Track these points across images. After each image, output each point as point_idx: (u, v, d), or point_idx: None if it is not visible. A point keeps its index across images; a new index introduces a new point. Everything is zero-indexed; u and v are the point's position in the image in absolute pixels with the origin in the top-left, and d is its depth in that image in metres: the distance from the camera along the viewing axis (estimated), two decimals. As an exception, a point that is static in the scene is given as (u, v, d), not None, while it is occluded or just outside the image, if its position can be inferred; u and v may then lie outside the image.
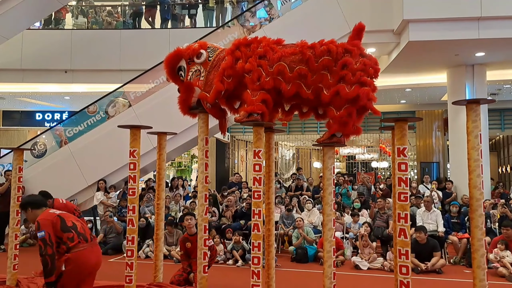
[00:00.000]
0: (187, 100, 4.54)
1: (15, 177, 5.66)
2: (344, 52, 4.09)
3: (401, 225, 3.94)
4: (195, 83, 4.47)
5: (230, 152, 17.45)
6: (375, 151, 19.42)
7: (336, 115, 4.07)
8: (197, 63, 4.49)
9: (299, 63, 4.12)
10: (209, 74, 4.41)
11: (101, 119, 10.33)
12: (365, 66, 4.04)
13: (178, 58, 4.59)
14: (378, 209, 8.56)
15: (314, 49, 4.12)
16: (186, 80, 4.53)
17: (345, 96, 3.96)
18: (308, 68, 4.09)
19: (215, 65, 4.42)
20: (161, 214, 5.50)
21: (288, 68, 4.12)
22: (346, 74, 3.99)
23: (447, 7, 8.67)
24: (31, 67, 12.54)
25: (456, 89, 10.80)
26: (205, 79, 4.42)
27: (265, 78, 4.17)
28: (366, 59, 4.10)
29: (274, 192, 5.05)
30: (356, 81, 3.97)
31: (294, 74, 4.10)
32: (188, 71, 4.53)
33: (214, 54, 4.49)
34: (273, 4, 10.53)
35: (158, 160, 5.56)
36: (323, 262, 4.23)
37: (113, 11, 13.38)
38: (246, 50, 4.31)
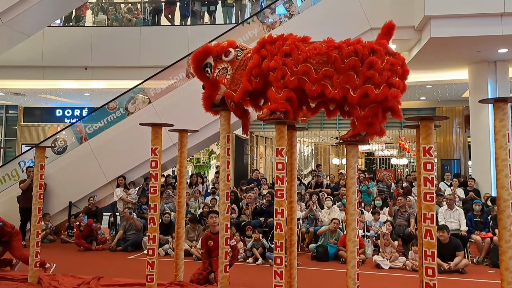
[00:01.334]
0: (211, 96, 4.53)
1: (37, 174, 5.71)
2: (370, 52, 4.03)
3: (427, 226, 3.87)
4: (221, 80, 4.45)
5: (249, 149, 17.43)
6: (394, 148, 19.19)
7: (361, 115, 4.02)
8: (224, 61, 4.48)
9: (325, 64, 4.08)
10: (236, 72, 4.40)
11: (121, 115, 10.40)
12: (392, 66, 3.98)
13: (206, 54, 4.58)
14: (399, 207, 8.45)
15: (341, 49, 4.08)
16: (212, 77, 4.51)
17: (374, 98, 3.92)
18: (334, 69, 4.06)
19: (242, 64, 4.40)
20: (182, 212, 5.51)
21: (313, 69, 4.09)
22: (373, 75, 3.93)
23: (470, 3, 8.52)
24: (51, 64, 12.70)
25: (478, 86, 10.61)
26: (231, 78, 4.40)
27: (290, 77, 4.14)
28: (392, 58, 4.04)
29: (296, 190, 5.01)
30: (384, 82, 3.91)
31: (319, 76, 4.07)
32: (215, 68, 4.51)
33: (242, 53, 4.48)
34: (292, 1, 10.46)
35: (179, 157, 5.57)
36: (347, 263, 4.19)
37: (133, 8, 13.45)
38: (272, 48, 4.28)
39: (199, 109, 9.30)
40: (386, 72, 3.93)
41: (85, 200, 10.02)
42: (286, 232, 4.53)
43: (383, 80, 3.92)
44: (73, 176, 10.04)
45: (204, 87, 4.61)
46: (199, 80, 4.81)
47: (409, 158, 18.54)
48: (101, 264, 7.60)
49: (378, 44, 4.11)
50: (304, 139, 18.66)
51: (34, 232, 5.60)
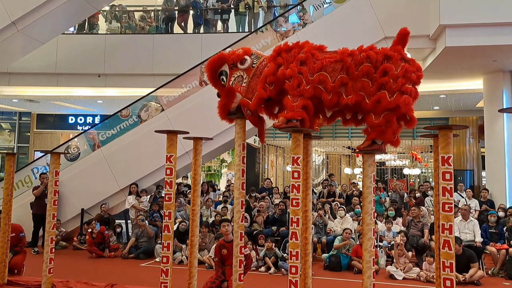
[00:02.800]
0: (227, 105, 4.49)
1: (52, 181, 5.73)
2: (384, 58, 4.00)
3: (445, 237, 3.81)
4: (237, 88, 4.42)
5: (261, 157, 17.41)
6: (406, 158, 19.04)
7: (375, 122, 3.97)
8: (240, 69, 4.43)
9: (340, 71, 4.05)
10: (252, 80, 4.37)
11: (133, 123, 10.46)
12: (406, 72, 3.92)
13: (221, 62, 4.54)
14: (413, 218, 8.35)
15: (354, 56, 4.04)
16: (228, 85, 4.47)
17: (387, 105, 3.87)
18: (349, 76, 4.02)
19: (257, 72, 4.37)
20: (196, 220, 5.48)
21: (329, 77, 4.05)
22: (387, 81, 3.89)
23: (486, 12, 8.45)
24: (65, 71, 12.84)
25: (493, 95, 10.50)
26: (247, 86, 4.37)
27: (305, 86, 4.10)
28: (407, 65, 3.98)
29: (311, 199, 4.97)
30: (398, 89, 3.87)
31: (336, 84, 4.03)
32: (231, 76, 4.48)
33: (258, 61, 4.44)
34: (306, 10, 10.48)
35: (194, 165, 5.55)
36: (363, 273, 4.13)
37: (146, 16, 13.57)
38: (288, 56, 4.25)
39: (212, 117, 9.33)
40: (400, 79, 3.87)
41: (97, 207, 10.06)
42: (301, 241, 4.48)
43: (397, 87, 3.86)
44: (85, 183, 10.09)
45: (220, 95, 4.59)
46: (214, 88, 4.80)
47: (421, 167, 18.36)
48: (113, 272, 7.60)
49: (392, 50, 4.07)
50: (315, 148, 18.60)
51: (48, 238, 5.60)
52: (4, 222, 6.22)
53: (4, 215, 6.24)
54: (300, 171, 4.28)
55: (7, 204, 6.28)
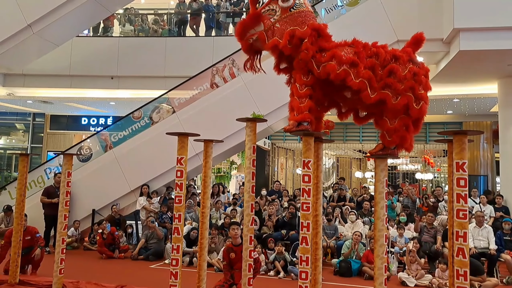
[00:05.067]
0: (247, 26, 4.29)
1: (64, 182, 5.76)
2: (392, 58, 3.94)
3: (460, 244, 3.73)
4: (264, 19, 4.25)
5: (270, 160, 17.36)
6: (418, 162, 18.83)
7: (391, 127, 3.91)
8: (279, 4, 4.23)
9: (352, 54, 3.98)
10: (280, 21, 4.19)
11: (145, 124, 10.52)
12: (415, 75, 3.84)
13: None
14: (426, 224, 8.24)
15: (365, 48, 4.02)
16: (259, 11, 4.30)
17: (391, 106, 3.81)
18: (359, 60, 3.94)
19: (290, 19, 4.17)
20: (206, 222, 5.46)
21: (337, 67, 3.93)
22: (392, 82, 3.82)
23: (500, 16, 8.34)
24: (79, 73, 12.96)
25: (508, 100, 10.35)
26: (273, 24, 4.21)
27: (317, 69, 4.00)
28: (416, 67, 3.90)
29: (321, 203, 4.92)
30: (406, 91, 3.80)
31: (348, 58, 3.93)
32: (267, 5, 4.31)
33: (298, 8, 4.22)
34: (318, 13, 10.42)
35: (204, 167, 5.54)
36: (374, 280, 4.07)
37: (159, 19, 13.66)
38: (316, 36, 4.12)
39: (222, 119, 9.39)
40: (408, 81, 3.80)
41: (108, 208, 10.11)
42: (311, 246, 4.43)
43: (405, 90, 3.80)
44: (97, 184, 10.15)
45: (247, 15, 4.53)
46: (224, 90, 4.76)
47: (433, 172, 18.14)
48: (123, 273, 7.62)
49: (402, 51, 4.01)
50: (326, 152, 18.50)
51: (59, 239, 5.62)
52: (17, 222, 6.28)
53: (17, 215, 6.30)
54: (311, 175, 4.24)
55: (20, 204, 6.34)
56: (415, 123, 3.99)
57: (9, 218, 9.59)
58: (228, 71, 10.34)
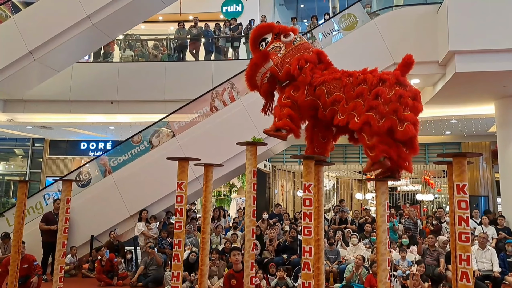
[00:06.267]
0: (258, 65, 4.56)
1: (63, 208, 5.70)
2: (379, 81, 3.98)
3: (463, 268, 3.68)
4: (272, 56, 4.53)
5: (271, 182, 17.30)
6: (418, 183, 18.79)
7: (369, 144, 3.91)
8: (282, 41, 4.58)
9: (339, 90, 4.11)
10: (287, 54, 4.47)
11: (145, 149, 10.50)
12: (401, 98, 3.84)
13: (268, 29, 4.70)
14: (428, 246, 8.16)
15: (352, 77, 4.11)
16: (265, 50, 4.60)
17: (376, 129, 3.83)
18: (344, 95, 4.06)
19: (295, 50, 4.49)
20: (206, 248, 5.40)
21: (326, 93, 4.14)
22: (378, 104, 3.86)
23: (495, 38, 8.47)
24: (79, 98, 13.01)
25: (505, 120, 10.42)
26: (281, 58, 4.48)
27: (305, 97, 4.25)
28: (401, 90, 3.90)
29: (323, 227, 4.88)
30: (390, 114, 3.81)
31: (329, 100, 4.11)
32: (271, 44, 4.63)
33: (299, 41, 4.59)
34: (315, 37, 10.59)
35: (204, 192, 5.51)
36: (378, 305, 4.00)
37: (159, 44, 13.83)
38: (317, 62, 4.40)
39: (222, 142, 9.40)
40: (393, 104, 3.82)
41: (107, 234, 10.00)
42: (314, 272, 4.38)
43: (389, 112, 3.81)
44: (95, 210, 10.07)
45: (254, 57, 4.68)
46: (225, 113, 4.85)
47: (434, 193, 18.07)
48: (121, 300, 7.49)
49: (389, 74, 4.05)
50: (326, 173, 18.47)
51: (57, 267, 5.54)
52: (14, 250, 6.18)
53: (15, 243, 6.22)
54: (312, 198, 4.22)
55: (18, 232, 6.26)
56: (408, 144, 3.97)
57: (6, 246, 9.46)
58: (227, 94, 10.42)
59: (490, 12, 8.54)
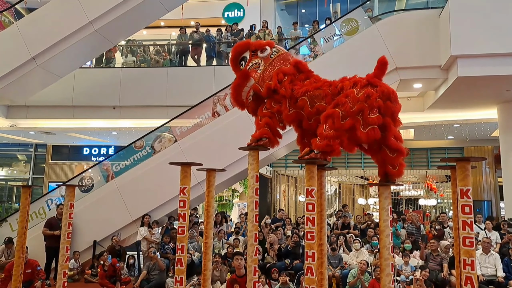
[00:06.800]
0: (240, 85, 4.56)
1: (66, 213, 5.70)
2: (353, 85, 3.97)
3: (467, 273, 3.66)
4: (252, 73, 4.52)
5: (272, 187, 17.29)
6: (420, 188, 18.74)
7: (324, 133, 3.91)
8: (259, 57, 4.57)
9: (321, 99, 4.11)
10: (266, 70, 4.48)
11: (147, 154, 10.51)
12: (368, 98, 3.78)
13: (245, 48, 4.66)
14: (431, 251, 8.12)
15: (332, 86, 4.10)
16: (244, 69, 4.59)
17: (339, 126, 3.84)
18: (327, 105, 4.04)
19: (273, 63, 4.49)
20: (209, 253, 5.39)
21: (309, 104, 4.13)
22: (345, 102, 3.85)
23: (497, 43, 8.48)
24: (81, 104, 13.08)
25: (508, 125, 10.41)
26: (261, 74, 4.48)
27: (288, 111, 4.25)
28: (370, 90, 3.82)
29: (326, 232, 4.87)
30: (355, 114, 3.79)
31: (313, 110, 4.11)
32: (249, 62, 4.60)
33: (276, 53, 4.57)
34: (317, 42, 10.60)
35: (207, 197, 5.50)
36: (381, 310, 3.98)
37: (161, 50, 13.87)
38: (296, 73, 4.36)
39: (224, 147, 9.41)
40: (360, 103, 3.77)
41: (109, 239, 9.99)
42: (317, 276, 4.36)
43: (355, 112, 3.78)
44: (98, 215, 10.08)
45: (236, 77, 4.68)
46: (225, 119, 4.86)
47: (436, 198, 18.02)
48: (124, 305, 7.47)
49: (363, 77, 4.04)
50: (328, 178, 18.44)
51: (61, 272, 5.52)
52: (18, 255, 6.18)
53: (19, 248, 6.22)
54: (315, 203, 4.20)
55: (22, 237, 6.26)
56: (390, 147, 3.91)
57: (10, 251, 9.48)
58: (229, 99, 10.43)
59: (493, 16, 8.55)
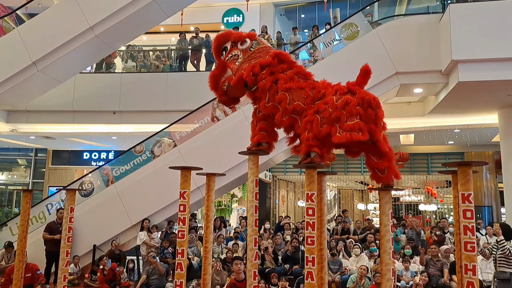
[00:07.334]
0: (217, 76, 4.58)
1: (67, 218, 5.69)
2: (335, 92, 3.94)
3: (469, 278, 3.64)
4: (230, 65, 4.53)
5: (271, 192, 17.27)
6: (420, 193, 18.71)
7: (304, 136, 3.94)
8: (239, 49, 4.55)
9: (300, 99, 4.08)
10: (243, 62, 4.45)
11: (147, 158, 10.51)
12: (347, 105, 3.74)
13: (226, 38, 4.67)
14: (432, 256, 8.09)
15: (314, 90, 4.07)
16: (223, 60, 4.61)
17: (317, 133, 3.83)
18: (305, 107, 4.03)
19: (252, 56, 4.46)
20: (209, 257, 5.37)
21: (288, 100, 4.09)
22: (325, 109, 3.83)
23: (498, 47, 8.46)
24: (82, 109, 13.08)
25: (509, 130, 10.37)
26: (239, 66, 4.46)
27: (267, 103, 4.22)
28: (349, 97, 3.79)
29: (326, 237, 4.85)
30: (332, 122, 3.76)
31: (290, 108, 4.08)
32: (229, 53, 4.62)
33: (256, 46, 4.52)
34: (316, 47, 10.62)
35: (206, 201, 5.49)
36: (382, 315, 3.95)
37: (160, 55, 13.90)
38: (277, 67, 4.30)
39: (223, 152, 9.40)
40: (338, 111, 3.74)
41: (109, 243, 9.97)
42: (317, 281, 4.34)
43: (333, 119, 3.76)
44: (98, 219, 10.06)
45: (215, 66, 4.70)
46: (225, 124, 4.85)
47: (436, 203, 17.98)
48: (123, 311, 7.43)
49: (345, 85, 4.00)
50: (327, 183, 18.41)
51: (61, 276, 5.51)
52: (18, 259, 6.17)
53: (19, 252, 6.20)
54: (315, 207, 4.19)
55: (22, 241, 6.24)
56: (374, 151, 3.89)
57: (10, 255, 9.46)
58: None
59: (493, 21, 8.54)
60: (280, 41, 13.22)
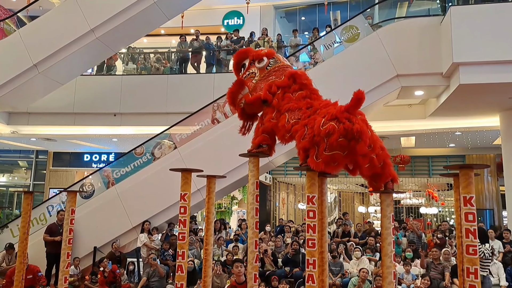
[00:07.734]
0: (234, 93, 4.59)
1: (68, 219, 5.69)
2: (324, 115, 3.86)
3: (471, 281, 3.62)
4: (247, 82, 4.57)
5: (272, 195, 17.25)
6: (421, 196, 18.67)
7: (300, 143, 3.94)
8: (256, 67, 4.59)
9: (296, 118, 4.11)
10: (260, 81, 4.50)
11: (147, 160, 10.50)
12: (328, 135, 3.65)
13: (244, 55, 4.72)
14: (433, 260, 8.06)
15: (312, 109, 4.08)
16: (241, 77, 4.66)
17: (298, 144, 3.92)
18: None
19: (268, 75, 4.50)
20: (209, 260, 5.35)
21: (287, 119, 4.15)
22: (312, 126, 3.84)
23: (499, 49, 8.44)
24: (82, 111, 13.08)
25: (510, 133, 10.36)
26: (255, 84, 4.52)
27: (272, 118, 4.31)
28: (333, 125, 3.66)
29: (327, 240, 4.83)
30: (313, 143, 3.80)
31: (288, 126, 4.13)
32: (247, 70, 4.65)
33: (273, 65, 4.57)
34: (317, 49, 10.61)
35: (207, 203, 5.47)
36: (383, 319, 3.93)
37: (161, 57, 13.91)
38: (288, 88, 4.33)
39: (224, 154, 9.39)
40: (319, 137, 3.72)
41: (110, 245, 9.95)
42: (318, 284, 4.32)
43: (313, 141, 3.78)
44: (98, 221, 10.04)
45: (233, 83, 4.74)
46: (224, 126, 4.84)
47: (437, 206, 17.94)
48: (123, 313, 7.40)
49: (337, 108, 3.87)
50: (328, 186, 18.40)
51: (62, 277, 5.50)
52: (19, 260, 6.15)
53: (20, 253, 6.19)
54: (316, 210, 4.17)
55: (23, 242, 6.24)
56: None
57: (11, 257, 9.45)
58: (228, 106, 10.43)
59: (494, 23, 8.52)
60: (281, 44, 13.22)
